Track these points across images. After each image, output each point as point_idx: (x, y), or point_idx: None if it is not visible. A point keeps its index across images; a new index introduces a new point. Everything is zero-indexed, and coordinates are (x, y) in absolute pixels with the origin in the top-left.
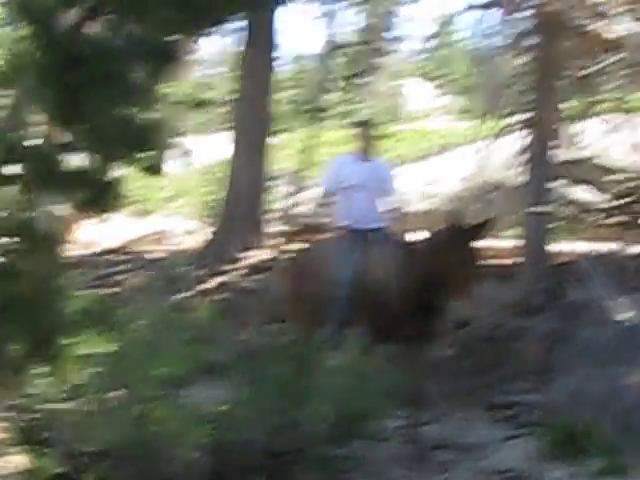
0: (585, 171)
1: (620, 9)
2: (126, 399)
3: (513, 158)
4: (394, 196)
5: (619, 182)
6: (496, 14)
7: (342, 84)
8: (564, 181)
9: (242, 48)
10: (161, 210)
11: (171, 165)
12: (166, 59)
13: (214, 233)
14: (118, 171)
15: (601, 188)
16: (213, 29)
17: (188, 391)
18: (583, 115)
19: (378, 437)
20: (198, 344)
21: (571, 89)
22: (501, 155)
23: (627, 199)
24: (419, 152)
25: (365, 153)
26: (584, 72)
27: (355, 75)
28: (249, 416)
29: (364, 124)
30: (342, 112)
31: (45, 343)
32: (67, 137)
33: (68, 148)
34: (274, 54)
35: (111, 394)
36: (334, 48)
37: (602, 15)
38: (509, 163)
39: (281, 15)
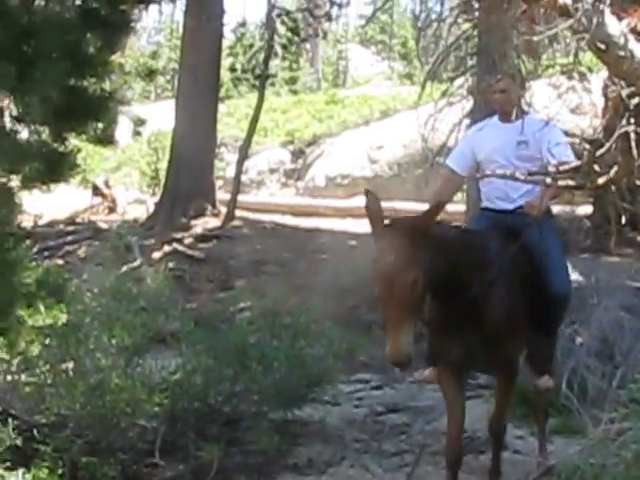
0: None
1: None
2: (81, 370)
3: (457, 123)
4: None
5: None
6: None
7: (287, 50)
8: None
9: (186, 17)
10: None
11: (121, 135)
12: (116, 29)
13: (159, 202)
14: (70, 142)
15: None
16: None
17: (142, 360)
18: (530, 78)
19: (333, 402)
20: (150, 313)
21: (517, 54)
22: (444, 120)
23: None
24: (361, 118)
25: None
26: (534, 37)
27: (300, 41)
28: (203, 384)
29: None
30: (287, 78)
31: (0, 314)
32: (18, 109)
33: (20, 120)
34: (220, 22)
35: (65, 365)
36: (278, 15)
37: None
38: (453, 128)
39: None
